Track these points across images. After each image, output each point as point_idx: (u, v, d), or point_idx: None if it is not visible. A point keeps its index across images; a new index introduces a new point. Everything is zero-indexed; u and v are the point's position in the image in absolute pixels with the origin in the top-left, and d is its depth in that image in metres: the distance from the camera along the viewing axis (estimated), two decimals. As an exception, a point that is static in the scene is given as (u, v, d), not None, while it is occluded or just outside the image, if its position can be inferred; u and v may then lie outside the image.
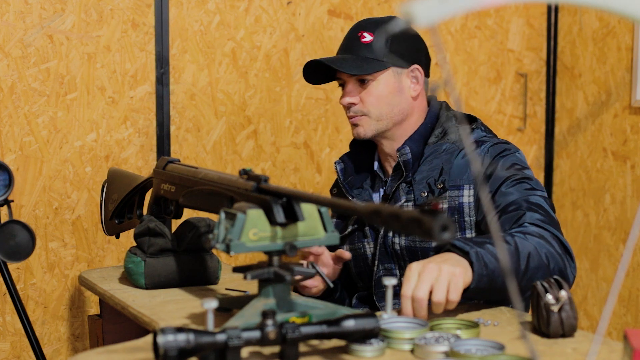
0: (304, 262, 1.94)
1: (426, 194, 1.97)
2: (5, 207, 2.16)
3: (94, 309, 2.62)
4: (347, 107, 2.04)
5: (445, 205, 1.96)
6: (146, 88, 2.65)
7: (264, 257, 1.55)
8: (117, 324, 2.13)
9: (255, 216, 1.48)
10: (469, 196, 1.95)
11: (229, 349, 1.30)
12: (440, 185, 1.96)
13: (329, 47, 2.90)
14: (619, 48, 3.03)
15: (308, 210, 1.52)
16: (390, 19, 2.07)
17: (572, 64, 3.23)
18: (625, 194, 3.02)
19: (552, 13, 3.27)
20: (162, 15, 2.64)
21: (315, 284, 1.99)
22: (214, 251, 2.04)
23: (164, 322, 1.66)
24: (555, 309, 1.47)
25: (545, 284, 1.51)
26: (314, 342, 1.43)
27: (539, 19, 3.27)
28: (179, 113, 2.70)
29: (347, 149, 2.24)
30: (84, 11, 2.55)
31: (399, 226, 1.20)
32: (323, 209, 1.54)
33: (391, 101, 2.02)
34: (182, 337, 1.27)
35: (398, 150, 2.03)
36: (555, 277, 1.54)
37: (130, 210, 2.17)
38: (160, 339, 1.27)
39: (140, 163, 2.66)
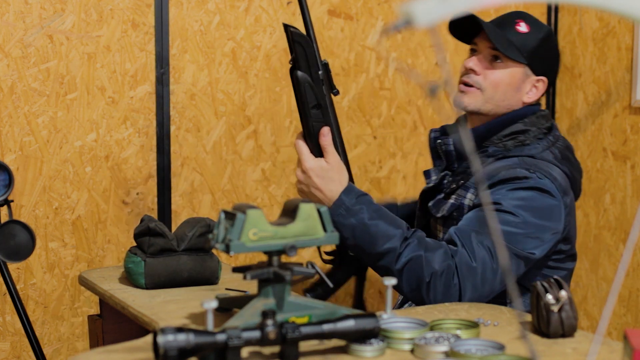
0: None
1: (455, 186, 2.00)
2: (5, 207, 2.16)
3: (94, 309, 2.62)
4: (466, 73, 2.03)
5: (451, 201, 1.97)
6: (146, 88, 2.65)
7: (264, 257, 1.55)
8: (117, 324, 2.13)
9: (255, 216, 1.48)
10: (470, 199, 1.95)
11: (229, 349, 1.30)
12: (461, 182, 1.98)
13: (329, 47, 2.90)
14: (619, 48, 3.03)
15: (307, 210, 1.52)
16: (548, 26, 2.08)
17: (572, 64, 3.23)
18: (625, 194, 3.02)
19: (552, 13, 3.27)
20: (162, 15, 2.64)
21: None
22: (214, 251, 2.04)
23: (164, 322, 1.66)
24: (555, 309, 1.47)
25: (545, 284, 1.51)
26: (314, 342, 1.43)
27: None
28: (179, 113, 2.70)
29: (346, 149, 2.24)
30: (84, 11, 2.55)
31: None
32: (323, 209, 1.54)
33: (506, 92, 2.01)
34: (182, 337, 1.27)
35: (440, 139, 2.04)
36: (555, 277, 1.54)
37: None
38: (160, 339, 1.27)
39: (140, 163, 2.66)
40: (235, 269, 1.55)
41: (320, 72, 1.91)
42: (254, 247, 1.48)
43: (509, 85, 2.01)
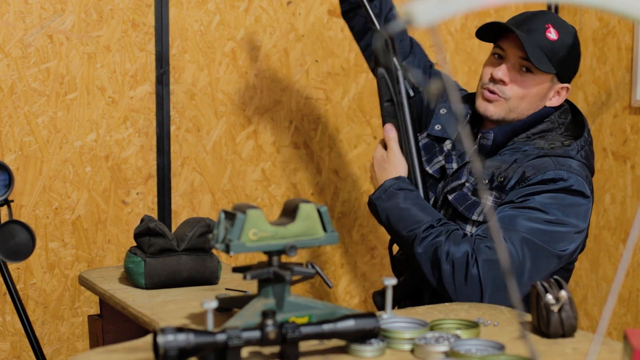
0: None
1: (486, 181, 1.97)
2: (5, 207, 2.16)
3: (94, 309, 2.62)
4: (492, 80, 1.99)
5: (490, 203, 1.95)
6: (146, 88, 2.65)
7: (264, 257, 1.55)
8: (117, 324, 2.13)
9: (255, 216, 1.49)
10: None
11: (229, 349, 1.30)
12: (501, 179, 1.94)
13: (329, 47, 2.90)
14: (619, 48, 3.03)
15: (307, 210, 1.52)
16: (572, 27, 2.03)
17: (572, 64, 3.23)
18: (625, 194, 3.02)
19: (552, 13, 3.27)
20: (162, 15, 2.64)
21: None
22: (214, 251, 2.04)
23: (164, 322, 1.66)
24: (555, 309, 1.47)
25: (545, 284, 1.51)
26: (314, 342, 1.43)
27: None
28: (179, 113, 2.70)
29: (346, 149, 2.24)
30: (84, 11, 2.55)
31: None
32: (323, 209, 1.54)
33: (532, 101, 2.00)
34: (182, 337, 1.27)
35: (482, 132, 2.02)
36: (555, 277, 1.54)
37: None
38: (160, 339, 1.27)
39: (140, 163, 2.66)
40: (235, 269, 1.55)
41: (398, 72, 2.05)
42: (254, 247, 1.48)
43: (535, 96, 1.99)
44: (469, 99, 2.13)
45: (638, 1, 1.02)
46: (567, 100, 2.08)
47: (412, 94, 2.05)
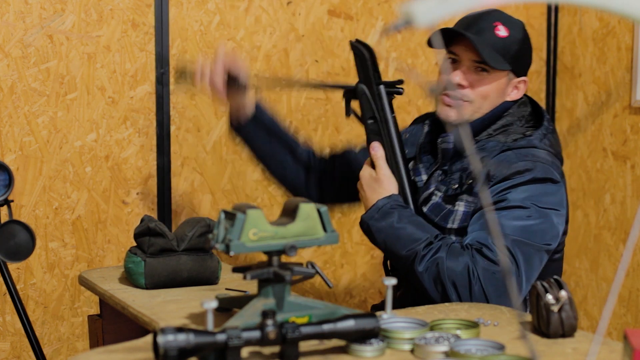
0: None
1: (456, 186, 1.96)
2: (5, 207, 2.16)
3: (94, 309, 2.62)
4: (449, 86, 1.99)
5: (462, 209, 1.94)
6: (146, 88, 2.65)
7: (264, 257, 1.55)
8: (117, 324, 2.13)
9: (255, 216, 1.49)
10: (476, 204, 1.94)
11: (229, 349, 1.30)
12: (469, 181, 1.94)
13: (329, 47, 2.90)
14: (619, 48, 3.03)
15: (307, 210, 1.52)
16: (519, 21, 2.03)
17: (572, 64, 3.23)
18: (625, 194, 3.02)
19: (552, 13, 3.27)
20: (162, 15, 2.64)
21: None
22: (214, 251, 2.04)
23: (164, 322, 1.66)
24: (555, 309, 1.47)
25: (545, 284, 1.51)
26: (314, 342, 1.43)
27: (539, 19, 3.27)
28: (179, 113, 2.70)
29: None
30: (84, 11, 2.55)
31: None
32: (323, 209, 1.54)
33: (492, 99, 1.99)
34: (182, 337, 1.27)
35: (441, 136, 2.02)
36: (555, 277, 1.54)
37: None
38: (160, 339, 1.27)
39: (140, 163, 2.66)
40: (236, 269, 1.55)
41: (380, 87, 2.01)
42: (254, 247, 1.48)
43: (494, 92, 1.99)
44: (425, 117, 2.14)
45: (638, 1, 1.02)
46: (525, 95, 2.08)
47: (393, 113, 2.01)
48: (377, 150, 1.97)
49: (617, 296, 3.01)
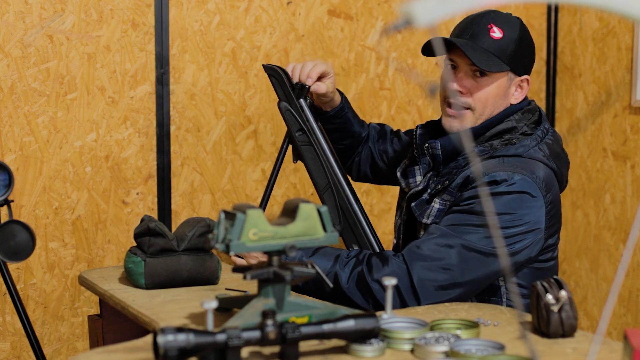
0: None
1: (440, 186, 1.98)
2: (5, 207, 2.16)
3: (94, 309, 2.62)
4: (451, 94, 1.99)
5: (437, 206, 1.95)
6: (146, 88, 2.65)
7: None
8: (117, 324, 2.13)
9: (255, 216, 1.48)
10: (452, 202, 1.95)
11: (229, 349, 1.30)
12: (446, 182, 1.95)
13: (329, 47, 2.90)
14: (619, 48, 3.03)
15: (307, 210, 1.52)
16: (516, 19, 2.02)
17: (572, 64, 3.23)
18: (625, 194, 3.02)
19: (552, 13, 3.27)
20: (162, 15, 2.64)
21: None
22: (214, 251, 2.04)
23: (164, 322, 1.66)
24: (555, 309, 1.47)
25: (545, 284, 1.51)
26: (314, 342, 1.43)
27: (539, 19, 3.27)
28: (179, 113, 2.70)
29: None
30: (84, 11, 2.55)
31: None
32: (323, 209, 1.54)
33: (495, 103, 1.99)
34: (182, 337, 1.27)
35: (428, 142, 2.02)
36: (555, 277, 1.54)
37: None
38: (160, 339, 1.27)
39: (140, 163, 2.66)
40: (236, 269, 1.55)
41: (301, 101, 2.10)
42: (254, 247, 1.48)
43: (496, 96, 1.98)
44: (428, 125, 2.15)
45: (638, 1, 1.02)
46: (534, 102, 2.07)
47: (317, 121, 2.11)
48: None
49: (617, 296, 3.01)
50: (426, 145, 2.01)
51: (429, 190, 2.00)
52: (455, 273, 1.80)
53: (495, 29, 1.96)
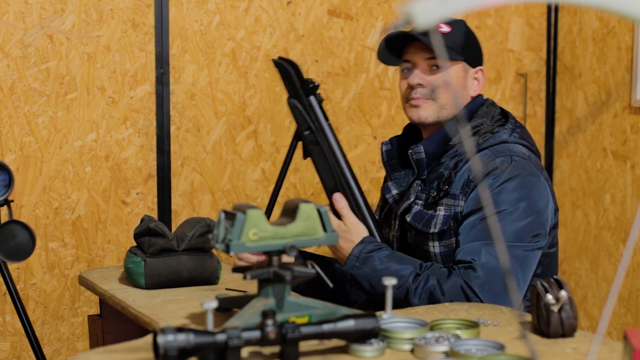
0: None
1: (435, 194, 1.97)
2: (5, 207, 2.16)
3: (94, 309, 2.62)
4: (413, 88, 2.00)
5: (442, 213, 1.94)
6: (146, 88, 2.65)
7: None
8: (117, 324, 2.13)
9: (255, 216, 1.48)
10: (461, 206, 1.94)
11: (229, 349, 1.30)
12: (445, 187, 1.95)
13: (329, 47, 2.90)
14: (619, 48, 3.03)
15: (307, 210, 1.52)
16: (460, 19, 2.06)
17: (572, 64, 3.23)
18: (625, 194, 3.02)
19: (552, 13, 3.27)
20: (162, 15, 2.64)
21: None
22: (214, 251, 2.04)
23: (164, 322, 1.66)
24: (555, 309, 1.47)
25: (545, 284, 1.51)
26: (314, 342, 1.43)
27: (539, 19, 3.27)
28: (179, 113, 2.70)
29: (346, 149, 2.24)
30: (84, 11, 2.55)
31: None
32: (322, 209, 1.54)
33: (456, 93, 2.02)
34: (182, 337, 1.27)
35: (411, 148, 2.02)
36: (555, 277, 1.54)
37: None
38: (160, 339, 1.27)
39: (140, 163, 2.66)
40: (236, 269, 1.55)
41: (310, 98, 2.01)
42: (254, 247, 1.48)
43: (456, 85, 2.01)
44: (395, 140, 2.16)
45: (638, 1, 1.02)
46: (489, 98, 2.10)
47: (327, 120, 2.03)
48: (340, 201, 1.98)
49: (617, 296, 3.01)
50: (410, 151, 2.02)
51: (420, 201, 2.00)
52: (521, 280, 1.85)
53: (443, 25, 2.01)
